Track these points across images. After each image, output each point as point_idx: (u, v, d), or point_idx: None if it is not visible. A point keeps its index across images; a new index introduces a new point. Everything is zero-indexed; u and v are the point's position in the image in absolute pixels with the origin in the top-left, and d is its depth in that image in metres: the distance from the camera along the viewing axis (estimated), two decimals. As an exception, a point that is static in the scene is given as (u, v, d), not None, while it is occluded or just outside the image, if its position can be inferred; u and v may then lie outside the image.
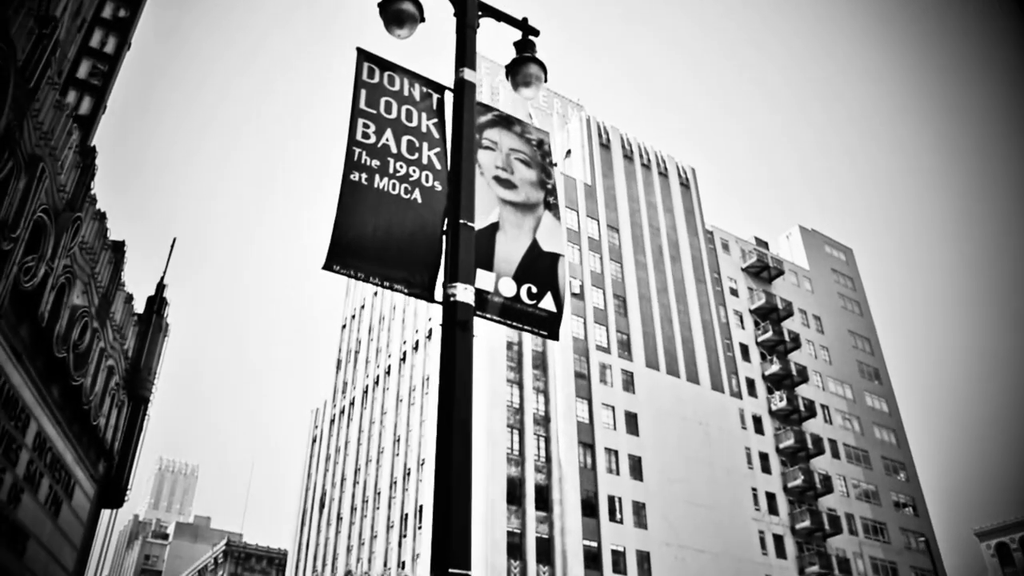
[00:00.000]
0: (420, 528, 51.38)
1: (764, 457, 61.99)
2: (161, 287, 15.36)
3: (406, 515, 53.99)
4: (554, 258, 6.65)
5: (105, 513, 12.92)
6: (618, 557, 48.84)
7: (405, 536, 53.03)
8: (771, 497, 60.25)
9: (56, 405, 11.01)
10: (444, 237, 6.02)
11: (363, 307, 71.98)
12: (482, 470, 47.18)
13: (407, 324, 62.75)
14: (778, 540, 58.44)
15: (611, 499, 50.60)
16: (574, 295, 57.01)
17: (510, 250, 6.48)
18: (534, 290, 6.40)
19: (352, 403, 67.72)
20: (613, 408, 54.24)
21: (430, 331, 58.70)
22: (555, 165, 7.54)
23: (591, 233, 61.67)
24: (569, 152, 67.48)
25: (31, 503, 10.17)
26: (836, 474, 65.51)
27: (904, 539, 66.22)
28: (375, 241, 5.84)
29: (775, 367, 66.29)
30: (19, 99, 8.62)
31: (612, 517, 50.02)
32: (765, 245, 76.99)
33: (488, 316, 6.09)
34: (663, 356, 59.54)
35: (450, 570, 4.45)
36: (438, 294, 5.91)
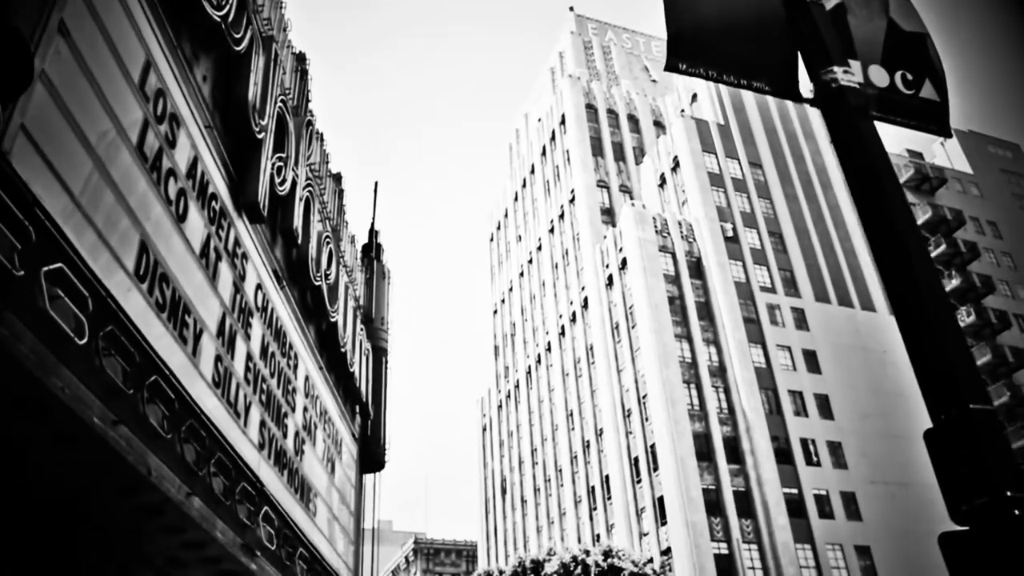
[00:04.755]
0: (609, 499, 50.39)
1: (960, 378, 57.63)
2: (373, 232, 14.56)
3: (592, 488, 53.16)
4: (921, 38, 5.39)
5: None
6: (822, 502, 46.30)
7: (595, 509, 52.20)
8: (976, 419, 55.92)
9: (316, 346, 10.25)
10: (792, 24, 4.99)
11: (511, 289, 71.63)
12: (665, 429, 45.79)
13: (560, 298, 61.84)
14: (992, 463, 54.15)
15: (804, 442, 48.03)
16: (728, 239, 54.51)
17: (868, 32, 5.26)
18: (909, 77, 5.19)
19: (517, 386, 67.49)
20: (789, 348, 51.51)
21: (585, 300, 57.57)
22: None
23: (734, 173, 58.82)
24: (695, 96, 64.77)
25: (312, 457, 9.36)
26: (1045, 386, 60.22)
27: None
28: (718, 30, 4.79)
29: (955, 282, 61.61)
30: (240, -32, 7.93)
31: (809, 461, 47.47)
32: (919, 156, 71.73)
33: (865, 112, 4.94)
34: (832, 288, 56.20)
35: (971, 406, 3.52)
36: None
